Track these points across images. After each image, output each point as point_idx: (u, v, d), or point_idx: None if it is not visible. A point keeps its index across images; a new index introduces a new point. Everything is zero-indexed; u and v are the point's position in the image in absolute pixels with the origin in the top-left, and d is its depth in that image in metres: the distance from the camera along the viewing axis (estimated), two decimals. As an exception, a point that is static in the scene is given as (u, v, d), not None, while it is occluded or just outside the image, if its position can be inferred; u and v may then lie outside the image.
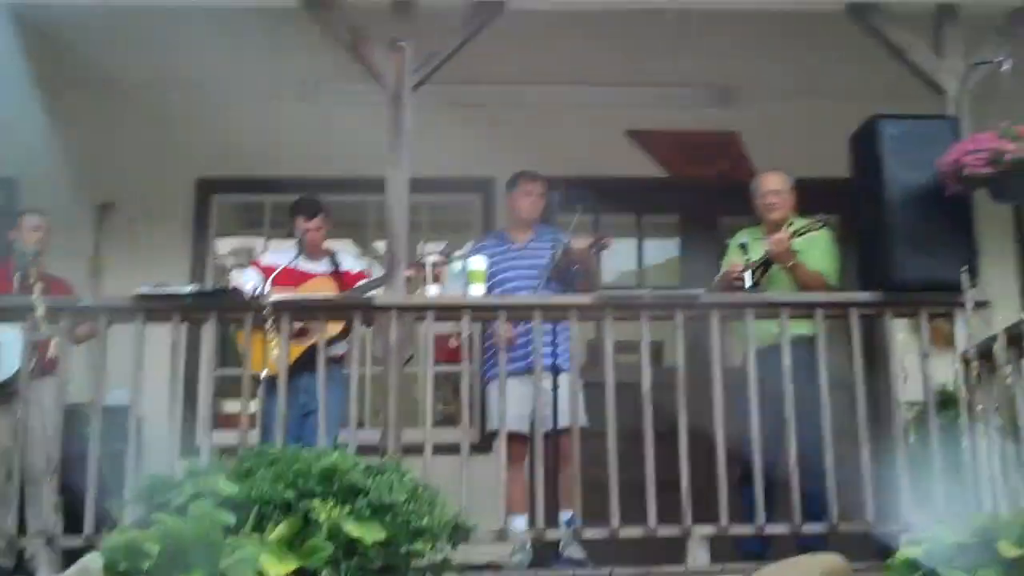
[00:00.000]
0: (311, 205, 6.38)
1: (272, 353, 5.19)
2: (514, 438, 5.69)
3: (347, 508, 4.49)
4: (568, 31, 6.66)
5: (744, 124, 7.64)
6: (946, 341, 5.98)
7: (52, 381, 5.50)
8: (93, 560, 4.36)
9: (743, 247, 6.03)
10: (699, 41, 6.89)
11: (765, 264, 6.01)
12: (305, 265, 6.20)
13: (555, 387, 5.66)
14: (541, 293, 5.88)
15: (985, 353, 5.19)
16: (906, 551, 4.55)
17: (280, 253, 6.50)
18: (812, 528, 5.34)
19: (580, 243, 5.96)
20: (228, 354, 6.70)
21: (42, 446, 5.44)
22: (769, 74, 7.40)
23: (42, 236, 6.26)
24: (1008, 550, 4.26)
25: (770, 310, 5.65)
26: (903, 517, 5.33)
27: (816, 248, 6.10)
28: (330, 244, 6.63)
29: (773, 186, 6.27)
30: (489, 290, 6.08)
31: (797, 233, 5.94)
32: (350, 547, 4.41)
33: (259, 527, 4.48)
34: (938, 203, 5.55)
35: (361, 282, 6.26)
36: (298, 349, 5.72)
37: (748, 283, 5.88)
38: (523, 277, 6.18)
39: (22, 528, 5.50)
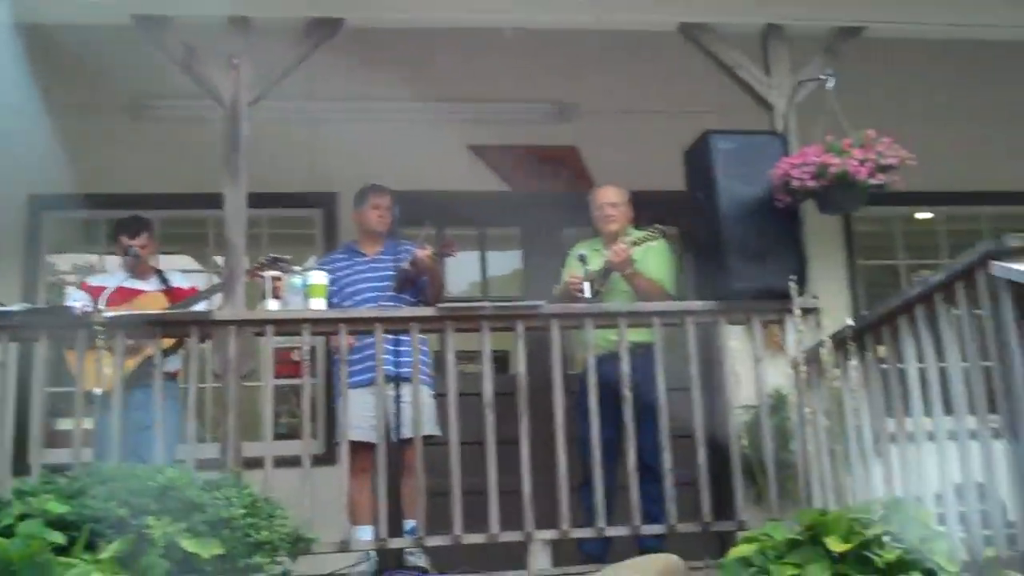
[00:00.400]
0: (133, 223, 6.28)
1: (105, 371, 5.08)
2: (361, 448, 5.67)
3: (183, 524, 4.42)
4: (407, 49, 6.71)
5: (583, 139, 7.78)
6: (779, 347, 6.19)
7: None
8: (-86, 586, 4.19)
9: (582, 258, 6.13)
10: (538, 58, 7.01)
11: (605, 273, 6.12)
12: (133, 284, 6.09)
13: (398, 398, 5.67)
14: (389, 304, 5.91)
15: (814, 358, 5.37)
16: (739, 549, 4.69)
17: (107, 275, 6.39)
18: (651, 529, 5.46)
19: (424, 252, 6.00)
20: (61, 372, 6.53)
21: None
22: (606, 90, 7.56)
23: None
24: (836, 545, 4.42)
25: (609, 319, 5.76)
26: (738, 516, 5.49)
27: (652, 258, 6.25)
28: (159, 262, 6.57)
29: (610, 199, 6.41)
30: (339, 302, 6.12)
31: (635, 243, 6.07)
32: (186, 563, 4.35)
33: (91, 546, 4.38)
34: (769, 215, 5.75)
35: (192, 297, 6.18)
36: (130, 364, 5.60)
37: (588, 293, 5.99)
38: (373, 289, 6.19)
39: None
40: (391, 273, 6.14)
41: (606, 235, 6.36)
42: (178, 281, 6.36)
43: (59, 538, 4.31)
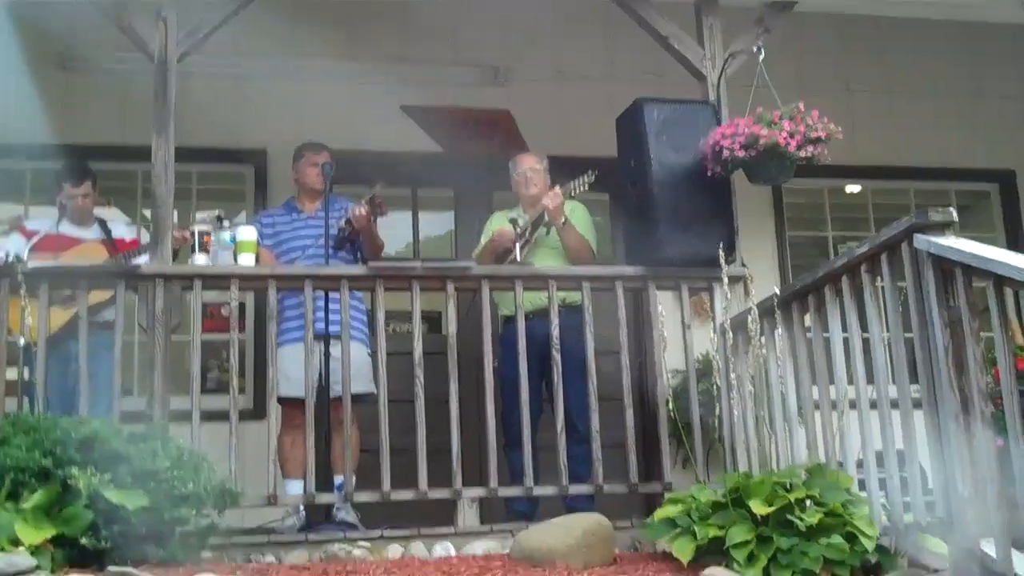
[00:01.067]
0: (78, 171, 6.17)
1: (28, 321, 5.00)
2: (293, 404, 5.64)
3: (108, 475, 4.39)
4: (342, 7, 6.65)
5: (516, 103, 7.76)
6: (707, 314, 6.27)
7: None
8: None
9: (514, 221, 6.16)
10: (473, 22, 6.98)
11: (535, 224, 6.15)
12: (73, 232, 5.98)
13: (327, 354, 5.65)
14: (327, 262, 5.90)
15: (740, 325, 5.45)
16: (665, 510, 4.76)
17: (44, 220, 6.26)
18: (578, 489, 5.51)
19: (358, 210, 5.97)
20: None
21: None
22: (541, 56, 7.57)
23: None
24: (759, 508, 4.51)
25: (539, 282, 5.78)
26: (665, 478, 5.56)
27: (578, 218, 6.31)
28: (99, 212, 6.44)
29: (531, 164, 6.46)
30: (277, 258, 6.12)
31: (570, 193, 6.12)
32: (111, 514, 4.32)
33: (14, 495, 4.33)
34: (699, 183, 5.79)
35: (133, 251, 6.10)
36: (63, 315, 5.52)
37: (518, 255, 6.02)
38: (311, 246, 6.16)
39: None
40: (329, 231, 6.09)
41: (526, 200, 6.42)
42: (121, 232, 6.26)
43: (-21, 487, 4.26)
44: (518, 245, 6.08)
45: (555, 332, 5.62)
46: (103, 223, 6.28)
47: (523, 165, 6.48)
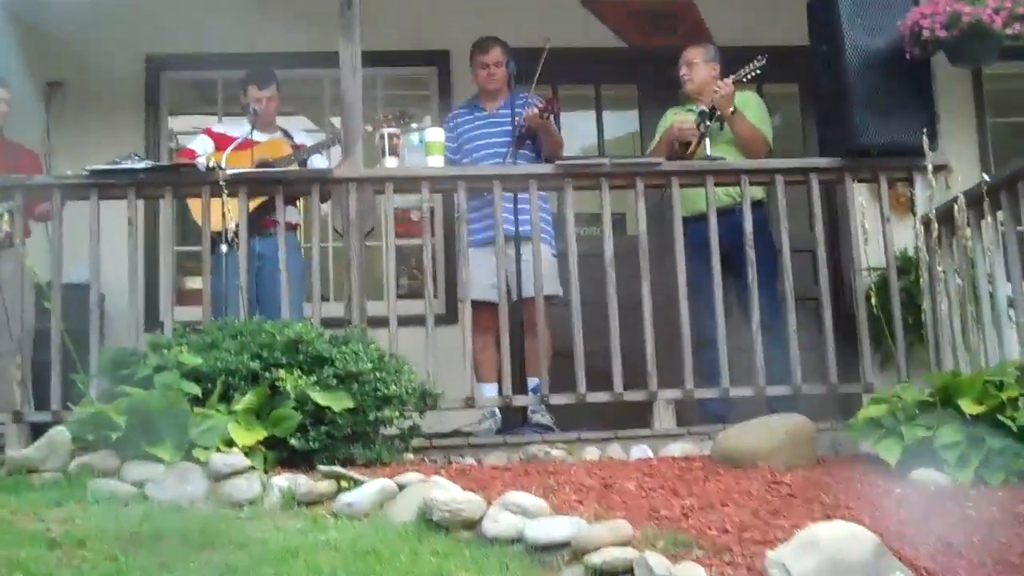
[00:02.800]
0: (263, 75, 6.25)
1: (230, 223, 5.11)
2: (483, 307, 5.68)
3: (313, 378, 4.50)
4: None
5: (700, -8, 7.53)
6: (906, 206, 6.04)
7: (9, 255, 5.43)
8: (60, 433, 4.34)
9: (701, 114, 6.02)
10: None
11: (708, 115, 6.00)
12: (258, 137, 6.06)
13: (518, 257, 5.64)
14: (508, 162, 5.84)
15: (945, 216, 5.22)
16: (868, 410, 4.64)
17: (232, 124, 6.38)
18: (776, 391, 5.41)
19: (530, 111, 5.90)
20: (186, 232, 6.62)
21: (5, 322, 5.36)
22: (724, -60, 7.28)
23: (3, 109, 6.05)
24: (969, 407, 4.35)
25: (731, 176, 5.64)
26: (865, 378, 5.42)
27: (751, 109, 6.10)
28: (283, 122, 6.52)
29: (688, 58, 6.28)
30: (460, 159, 6.08)
31: (740, 80, 5.95)
32: (317, 415, 4.44)
33: (225, 398, 4.49)
34: (897, 68, 5.54)
35: (310, 145, 6.17)
36: (252, 205, 5.62)
37: (708, 149, 5.90)
38: (492, 145, 6.12)
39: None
40: (509, 129, 6.04)
41: (690, 93, 6.25)
42: (301, 138, 6.34)
43: (194, 389, 4.42)
44: (707, 146, 5.92)
45: (748, 228, 5.49)
46: (284, 132, 6.36)
47: (681, 59, 6.30)
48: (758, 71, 5.95)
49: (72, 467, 4.24)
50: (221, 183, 5.05)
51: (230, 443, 4.27)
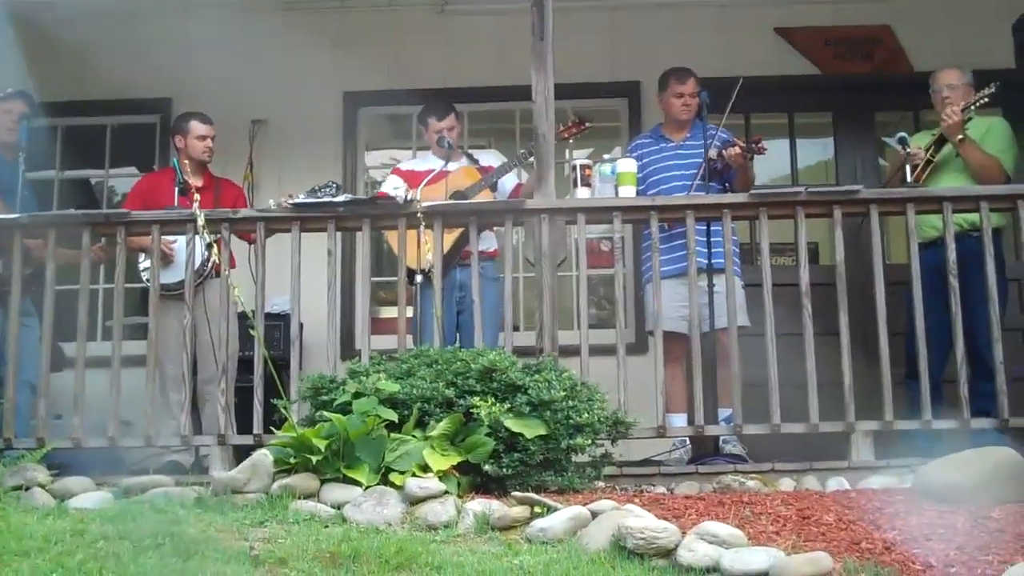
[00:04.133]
0: (441, 106, 6.35)
1: (426, 256, 5.21)
2: (672, 338, 5.63)
3: (506, 405, 4.53)
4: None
5: (897, 17, 7.34)
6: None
7: (214, 284, 5.69)
8: (263, 456, 4.48)
9: (902, 140, 5.84)
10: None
11: (937, 144, 5.82)
12: (447, 168, 6.14)
13: (711, 286, 5.58)
14: (696, 193, 5.80)
15: None
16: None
17: (419, 160, 6.51)
18: (981, 423, 5.20)
19: (733, 150, 5.83)
20: (381, 264, 6.79)
21: (211, 348, 5.59)
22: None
23: (210, 144, 6.31)
24: None
25: (933, 204, 5.46)
26: (1077, 412, 5.17)
27: (993, 134, 5.89)
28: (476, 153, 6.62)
29: (948, 80, 6.03)
30: (644, 189, 6.03)
31: (967, 109, 5.75)
32: (510, 442, 4.47)
33: (420, 424, 4.57)
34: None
35: (497, 166, 6.23)
36: (449, 238, 5.71)
37: (908, 176, 5.72)
38: (679, 177, 6.08)
39: (197, 428, 5.69)
40: (696, 161, 6.01)
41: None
42: (487, 160, 6.40)
43: (391, 415, 4.51)
44: (908, 167, 5.75)
45: (951, 257, 5.29)
46: (468, 155, 6.43)
47: (939, 81, 6.08)
48: (986, 99, 5.74)
49: (274, 488, 4.36)
50: (419, 215, 5.15)
51: (425, 468, 4.34)
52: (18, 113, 6.01)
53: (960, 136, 5.75)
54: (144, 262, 6.00)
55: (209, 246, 5.37)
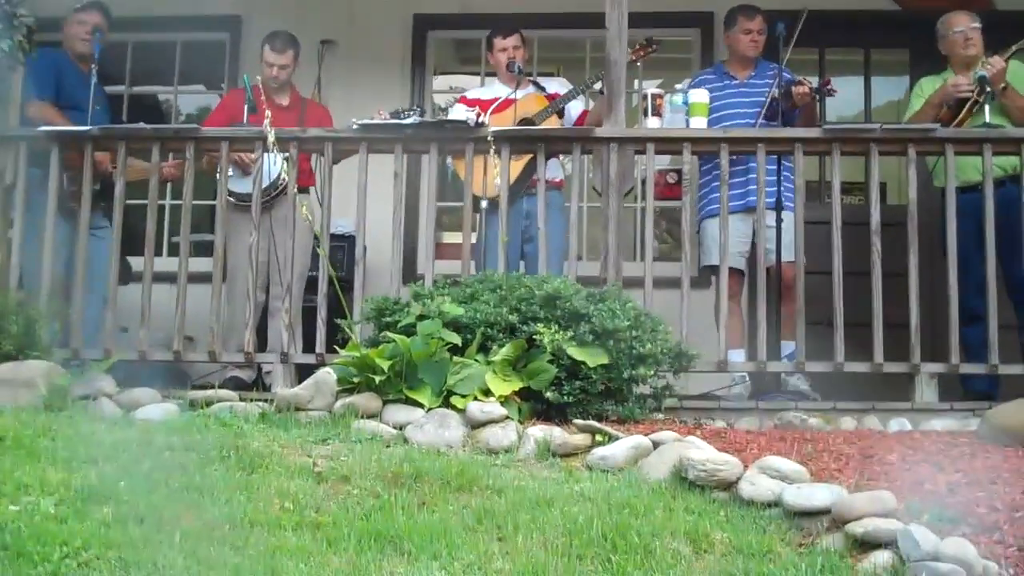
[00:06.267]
0: (507, 25, 6.26)
1: (494, 180, 5.19)
2: (732, 273, 5.58)
3: (569, 333, 4.54)
4: None
5: (979, -47, 7.13)
6: None
7: (283, 202, 5.78)
8: (327, 374, 4.52)
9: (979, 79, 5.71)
10: None
11: (978, 92, 5.68)
12: (514, 95, 6.07)
13: (780, 222, 5.52)
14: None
15: None
16: None
17: (485, 89, 6.46)
18: (1050, 367, 5.13)
19: (801, 89, 5.73)
20: (446, 189, 6.77)
21: (286, 263, 5.60)
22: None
23: (275, 72, 6.21)
24: None
25: (1010, 145, 5.35)
26: None
27: (1018, 79, 5.75)
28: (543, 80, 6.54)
29: (968, 23, 5.94)
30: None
31: (1010, 56, 5.63)
32: (572, 370, 4.48)
33: (483, 348, 4.58)
34: None
35: (563, 93, 6.16)
36: (516, 166, 5.68)
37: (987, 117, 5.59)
38: (742, 115, 5.97)
39: (261, 345, 5.73)
40: (759, 99, 5.89)
41: (962, 61, 5.89)
42: (554, 88, 6.33)
43: (455, 338, 4.53)
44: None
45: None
46: (535, 83, 6.36)
47: (959, 24, 5.96)
48: None
49: (337, 407, 4.42)
50: (489, 139, 5.12)
51: (487, 392, 4.37)
52: (92, 24, 6.01)
53: (1003, 84, 5.62)
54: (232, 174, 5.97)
55: (286, 159, 5.40)
